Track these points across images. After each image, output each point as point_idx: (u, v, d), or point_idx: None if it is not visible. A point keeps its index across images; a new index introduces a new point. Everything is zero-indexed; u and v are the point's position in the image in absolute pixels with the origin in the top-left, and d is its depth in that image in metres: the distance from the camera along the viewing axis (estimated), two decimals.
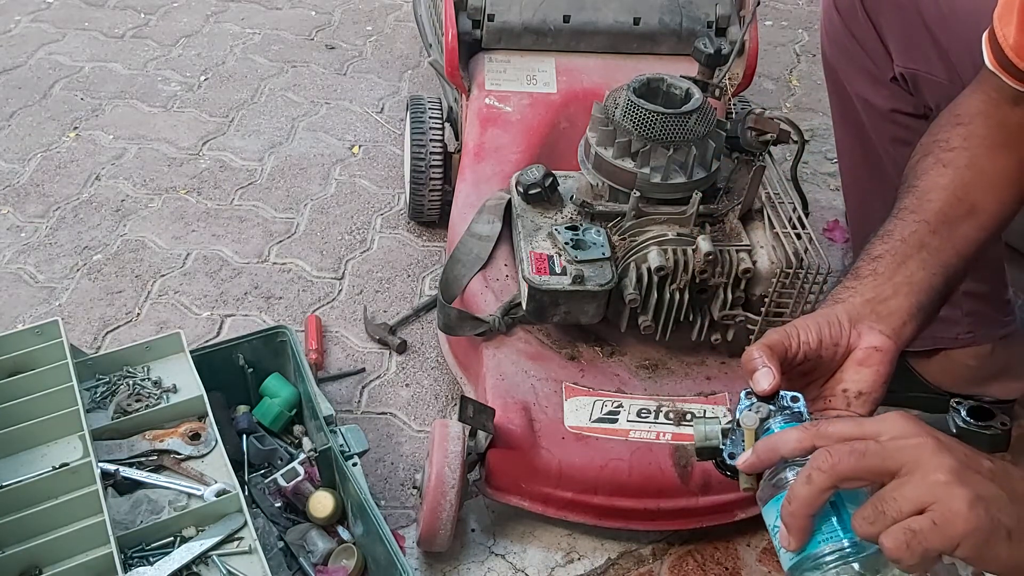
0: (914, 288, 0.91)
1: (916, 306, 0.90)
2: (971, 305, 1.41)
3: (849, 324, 0.88)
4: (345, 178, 2.05)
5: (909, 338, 0.89)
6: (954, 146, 0.98)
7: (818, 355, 0.86)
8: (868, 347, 0.87)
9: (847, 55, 1.35)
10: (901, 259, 0.92)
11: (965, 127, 0.98)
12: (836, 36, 1.36)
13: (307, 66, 2.45)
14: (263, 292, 1.74)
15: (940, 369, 1.49)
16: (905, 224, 0.95)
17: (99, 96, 2.28)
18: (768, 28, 2.75)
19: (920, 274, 0.91)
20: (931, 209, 0.95)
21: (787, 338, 0.85)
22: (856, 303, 0.90)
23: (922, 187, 0.97)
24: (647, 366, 1.36)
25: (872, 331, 0.87)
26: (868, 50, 1.31)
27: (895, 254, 0.93)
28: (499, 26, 1.66)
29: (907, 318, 0.89)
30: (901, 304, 0.90)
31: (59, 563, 1.06)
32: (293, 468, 1.29)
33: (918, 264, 0.92)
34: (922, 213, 0.95)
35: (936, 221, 0.94)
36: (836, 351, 0.87)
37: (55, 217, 1.90)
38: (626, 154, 1.32)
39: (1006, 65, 0.94)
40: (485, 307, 1.38)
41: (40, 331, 1.29)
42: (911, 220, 0.95)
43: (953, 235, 0.94)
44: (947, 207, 0.95)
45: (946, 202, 0.95)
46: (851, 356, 0.87)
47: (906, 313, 0.90)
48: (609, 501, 1.27)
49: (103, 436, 1.21)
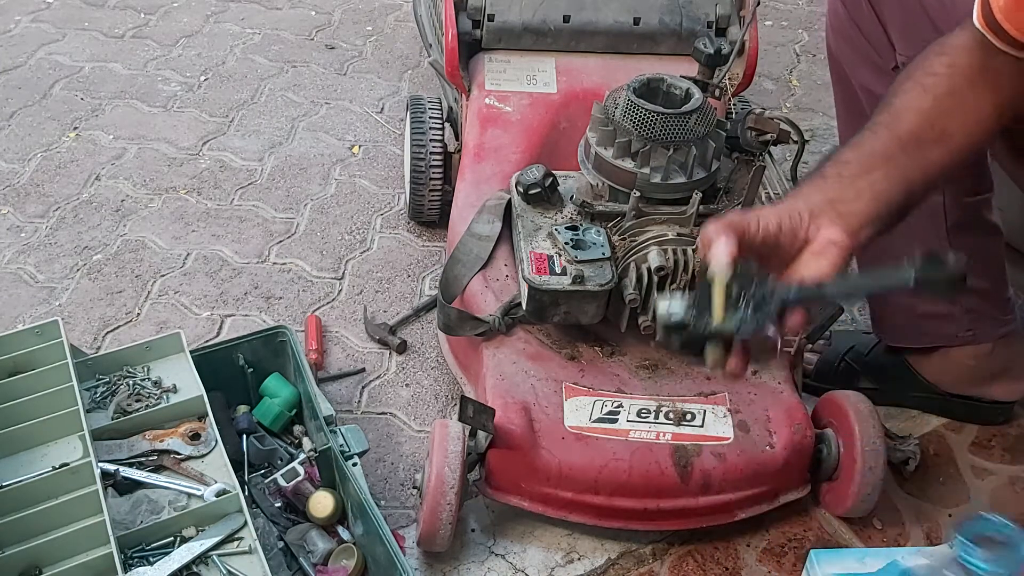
0: (875, 196, 0.95)
1: (875, 213, 0.94)
2: (971, 302, 1.41)
3: (809, 218, 0.92)
4: (345, 178, 2.05)
5: (863, 242, 0.94)
6: (936, 72, 1.01)
7: (777, 241, 0.91)
8: (825, 240, 0.91)
9: (851, 46, 1.35)
10: (867, 168, 0.96)
11: (949, 57, 1.01)
12: (840, 27, 1.36)
13: (307, 66, 2.45)
14: (263, 292, 1.74)
15: (939, 368, 1.49)
16: (876, 137, 0.98)
17: (99, 96, 2.28)
18: (768, 28, 2.75)
19: (883, 184, 0.95)
20: (904, 128, 0.98)
21: (746, 220, 0.90)
22: (817, 200, 0.94)
23: (898, 106, 1.00)
24: (647, 366, 1.35)
25: (831, 226, 0.92)
26: (872, 40, 1.32)
27: (861, 162, 0.96)
28: (499, 26, 1.66)
29: (865, 222, 0.94)
30: (861, 208, 0.94)
31: (59, 563, 1.06)
32: (293, 468, 1.29)
33: (883, 175, 0.95)
34: (894, 129, 0.98)
35: (907, 139, 0.98)
36: (795, 240, 0.92)
37: (55, 217, 1.90)
38: (626, 154, 1.32)
39: (993, 26, 0.96)
40: (485, 307, 1.38)
41: (40, 331, 1.29)
42: (883, 134, 0.98)
43: (920, 156, 0.98)
44: (919, 129, 0.98)
45: (919, 124, 0.98)
46: (808, 247, 0.92)
47: (864, 217, 0.94)
48: (609, 501, 1.27)
49: (103, 436, 1.21)
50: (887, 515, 1.39)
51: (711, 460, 1.26)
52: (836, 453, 1.32)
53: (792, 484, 1.33)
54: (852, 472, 1.29)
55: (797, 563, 1.32)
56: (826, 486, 1.36)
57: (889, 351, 1.53)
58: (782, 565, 1.32)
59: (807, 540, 1.36)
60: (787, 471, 1.30)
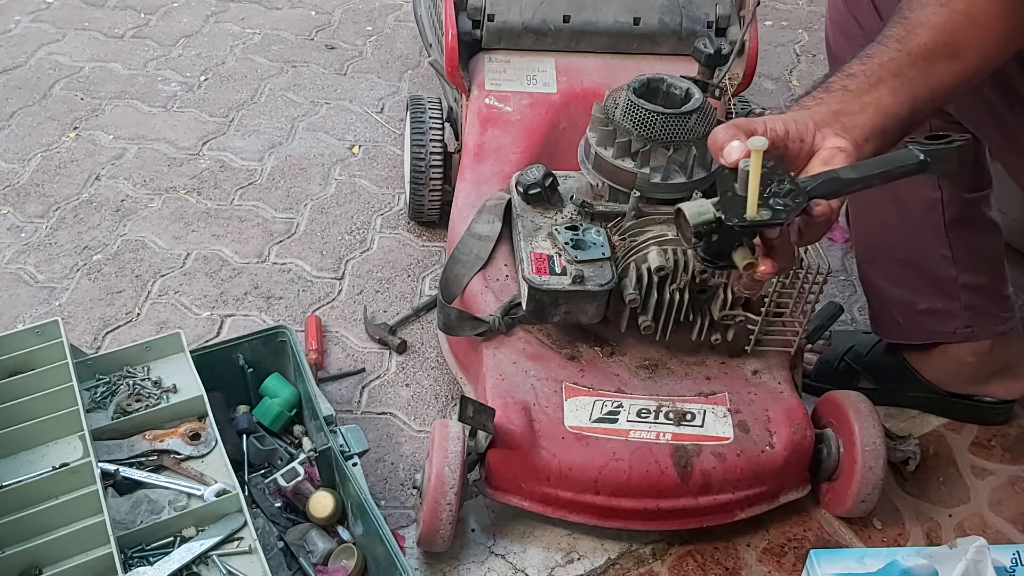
0: (880, 111, 0.94)
1: (879, 127, 0.93)
2: (969, 299, 1.41)
3: (814, 127, 0.91)
4: (345, 178, 2.05)
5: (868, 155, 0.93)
6: None
7: (785, 146, 0.89)
8: (832, 147, 0.90)
9: (851, 40, 1.35)
10: (875, 81, 0.95)
11: None
12: (840, 21, 1.36)
13: (307, 66, 2.45)
14: (263, 292, 1.74)
15: (939, 366, 1.49)
16: (886, 51, 0.97)
17: (99, 96, 2.28)
18: (768, 28, 2.75)
19: (889, 100, 0.94)
20: (916, 43, 0.97)
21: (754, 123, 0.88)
22: (822, 111, 0.93)
23: (913, 20, 0.99)
24: (647, 366, 1.35)
25: (836, 136, 0.91)
26: (870, 34, 1.31)
27: (869, 75, 0.95)
28: (499, 26, 1.66)
29: (869, 135, 0.93)
30: (865, 121, 0.93)
31: (59, 563, 1.06)
32: (293, 468, 1.29)
33: (889, 90, 0.94)
34: (906, 44, 0.97)
35: (918, 54, 0.96)
36: (801, 147, 0.90)
37: (55, 217, 1.90)
38: (626, 154, 1.32)
39: None
40: (485, 307, 1.38)
41: (40, 331, 1.29)
42: (893, 48, 0.97)
43: (930, 72, 0.96)
44: (932, 44, 0.97)
45: (932, 40, 0.97)
46: (816, 155, 0.91)
47: (868, 130, 0.93)
48: (609, 501, 1.27)
49: (103, 436, 1.21)
50: (887, 515, 1.39)
51: (711, 460, 1.26)
52: (836, 453, 1.32)
53: (792, 484, 1.33)
54: (852, 472, 1.29)
55: (797, 563, 1.32)
56: (826, 486, 1.36)
57: (888, 350, 1.53)
58: (782, 565, 1.32)
59: (807, 540, 1.36)
60: (787, 471, 1.30)
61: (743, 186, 0.82)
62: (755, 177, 0.80)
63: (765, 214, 0.82)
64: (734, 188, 0.84)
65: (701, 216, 0.83)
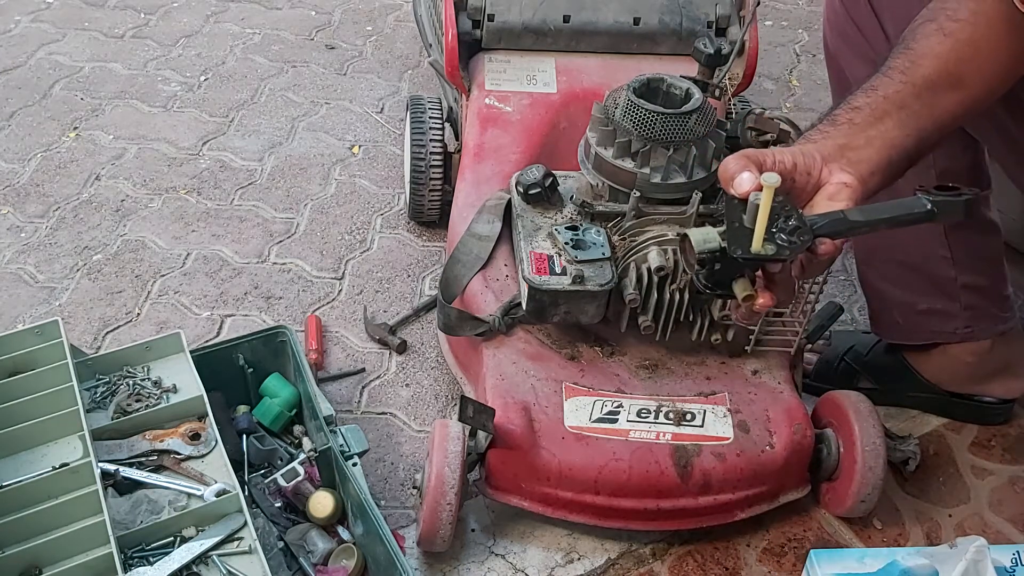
0: (886, 144, 0.94)
1: (885, 161, 0.94)
2: (969, 299, 1.41)
3: (822, 161, 0.92)
4: (345, 178, 2.05)
5: (874, 189, 0.93)
6: (960, 18, 0.99)
7: (792, 179, 0.90)
8: (838, 183, 0.91)
9: (848, 42, 1.36)
10: (880, 115, 0.95)
11: (977, 3, 0.99)
12: (837, 23, 1.37)
13: (307, 66, 2.45)
14: (263, 292, 1.74)
15: (939, 366, 1.49)
16: (891, 82, 0.97)
17: (99, 96, 2.28)
18: (768, 28, 2.75)
19: (895, 132, 0.94)
20: (920, 74, 0.97)
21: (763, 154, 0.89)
22: (829, 145, 0.93)
23: (917, 51, 0.99)
24: (647, 366, 1.35)
25: (842, 171, 0.91)
26: (868, 36, 1.32)
27: (875, 109, 0.95)
28: (499, 26, 1.66)
29: (875, 169, 0.93)
30: (871, 156, 0.93)
31: (59, 563, 1.06)
32: (293, 468, 1.29)
33: (895, 123, 0.95)
34: (910, 75, 0.97)
35: (922, 86, 0.96)
36: (808, 180, 0.91)
37: (55, 217, 1.90)
38: (626, 154, 1.32)
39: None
40: (485, 307, 1.38)
41: (40, 331, 1.29)
42: (898, 79, 0.97)
43: (935, 103, 0.96)
44: (936, 75, 0.97)
45: (936, 71, 0.97)
46: (822, 190, 0.91)
47: (874, 164, 0.93)
48: (609, 501, 1.27)
49: (103, 436, 1.21)
50: (887, 515, 1.39)
51: (711, 460, 1.26)
52: (836, 453, 1.32)
53: (792, 484, 1.33)
54: (852, 472, 1.29)
55: (797, 563, 1.32)
56: (826, 486, 1.36)
57: (888, 350, 1.53)
58: (782, 565, 1.32)
59: (807, 540, 1.36)
60: (787, 471, 1.30)
61: (751, 219, 0.84)
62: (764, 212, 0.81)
63: (770, 249, 0.83)
64: (742, 219, 0.85)
65: (706, 244, 0.85)
